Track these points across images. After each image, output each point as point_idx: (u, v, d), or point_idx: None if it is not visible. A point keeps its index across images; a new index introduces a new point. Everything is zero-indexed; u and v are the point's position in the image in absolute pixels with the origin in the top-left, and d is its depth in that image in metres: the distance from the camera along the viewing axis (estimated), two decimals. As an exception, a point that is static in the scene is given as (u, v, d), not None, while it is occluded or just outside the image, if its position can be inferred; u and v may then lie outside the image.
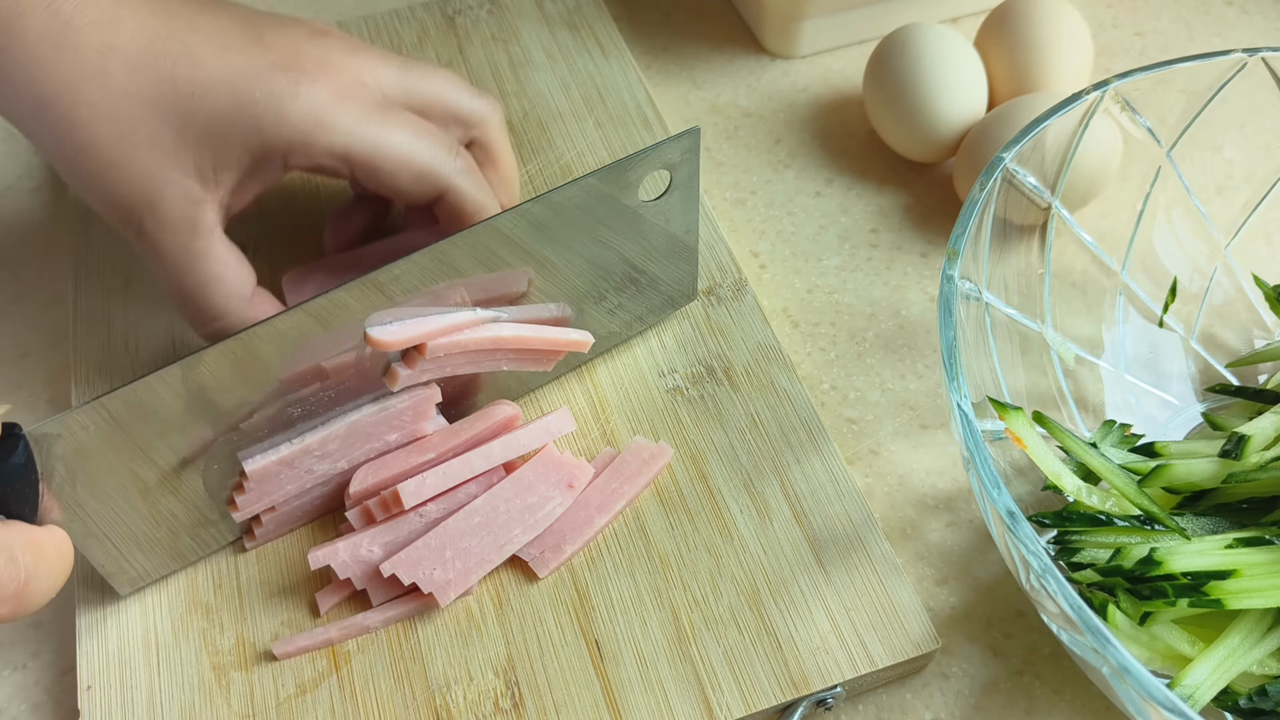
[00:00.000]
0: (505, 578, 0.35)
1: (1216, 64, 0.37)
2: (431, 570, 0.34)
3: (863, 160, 0.48)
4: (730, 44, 0.54)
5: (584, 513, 0.36)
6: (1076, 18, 0.47)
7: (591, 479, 0.37)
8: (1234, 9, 0.54)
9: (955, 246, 0.33)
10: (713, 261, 0.43)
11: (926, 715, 0.34)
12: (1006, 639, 0.35)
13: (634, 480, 0.37)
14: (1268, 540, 0.30)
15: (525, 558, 0.35)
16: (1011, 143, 0.36)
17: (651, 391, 0.40)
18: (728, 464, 0.38)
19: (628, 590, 0.35)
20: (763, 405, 0.39)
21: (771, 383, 0.39)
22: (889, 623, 0.34)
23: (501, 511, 0.35)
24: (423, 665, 0.34)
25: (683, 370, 0.40)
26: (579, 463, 0.37)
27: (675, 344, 0.41)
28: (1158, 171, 0.40)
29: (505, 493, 0.35)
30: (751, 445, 0.38)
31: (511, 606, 0.35)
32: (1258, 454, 0.33)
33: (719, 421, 0.39)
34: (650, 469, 0.37)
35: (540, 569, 0.35)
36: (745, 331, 0.41)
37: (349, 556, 0.34)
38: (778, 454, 0.38)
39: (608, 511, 0.36)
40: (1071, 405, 0.38)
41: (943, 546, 0.37)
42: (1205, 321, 0.41)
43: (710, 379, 0.40)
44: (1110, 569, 0.31)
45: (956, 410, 0.30)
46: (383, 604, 0.34)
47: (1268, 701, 0.29)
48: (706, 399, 0.39)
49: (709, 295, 0.42)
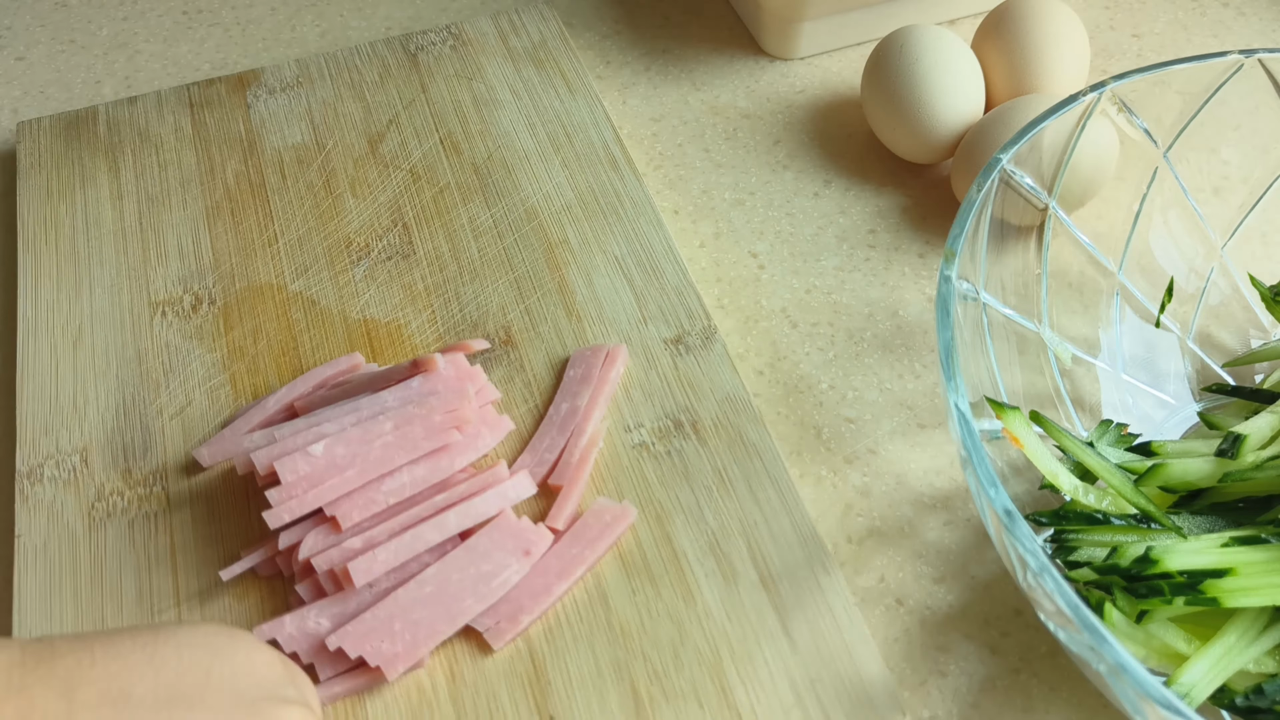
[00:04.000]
0: (459, 649, 0.34)
1: (1213, 65, 0.38)
2: (379, 643, 0.33)
3: (861, 161, 0.49)
4: (729, 46, 0.54)
5: (542, 580, 0.35)
6: (1074, 19, 0.47)
7: (551, 544, 0.35)
8: (1230, 11, 0.54)
9: (953, 247, 0.33)
10: (681, 308, 0.42)
11: (925, 714, 0.34)
12: (1004, 637, 0.35)
13: (595, 545, 0.35)
14: (1264, 539, 0.31)
15: (479, 628, 0.34)
16: (1009, 144, 0.36)
17: (616, 447, 0.38)
18: (694, 525, 0.36)
19: (586, 663, 0.33)
20: (730, 461, 0.38)
21: (740, 436, 0.38)
22: (854, 695, 0.33)
23: (454, 580, 0.34)
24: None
25: (649, 424, 0.39)
26: (537, 529, 0.35)
27: (642, 396, 0.39)
28: (1154, 172, 0.40)
29: (459, 561, 0.34)
30: (719, 504, 0.37)
31: (465, 680, 0.33)
32: (1254, 453, 0.33)
33: (686, 479, 0.37)
34: (613, 532, 0.36)
35: (495, 640, 0.34)
36: (714, 382, 0.40)
37: (295, 629, 0.33)
38: (745, 513, 0.36)
39: (567, 579, 0.35)
40: (1068, 405, 0.38)
41: (940, 545, 0.37)
42: (1201, 321, 0.41)
43: (678, 433, 0.38)
44: (1107, 567, 0.31)
45: (954, 410, 0.30)
46: (330, 679, 0.33)
47: (1264, 699, 0.30)
48: (674, 454, 0.38)
49: (677, 344, 0.41)
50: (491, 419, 0.38)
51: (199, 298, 0.43)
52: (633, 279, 0.42)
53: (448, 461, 0.36)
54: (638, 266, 0.43)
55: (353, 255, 0.44)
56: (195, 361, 0.41)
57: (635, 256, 0.43)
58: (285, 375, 0.41)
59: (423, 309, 0.42)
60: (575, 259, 0.43)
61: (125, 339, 0.42)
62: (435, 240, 0.44)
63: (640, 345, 0.41)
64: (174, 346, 0.42)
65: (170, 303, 0.43)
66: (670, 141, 0.50)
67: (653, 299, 0.42)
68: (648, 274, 0.43)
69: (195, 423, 0.39)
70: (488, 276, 0.43)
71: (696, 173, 0.48)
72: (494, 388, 0.39)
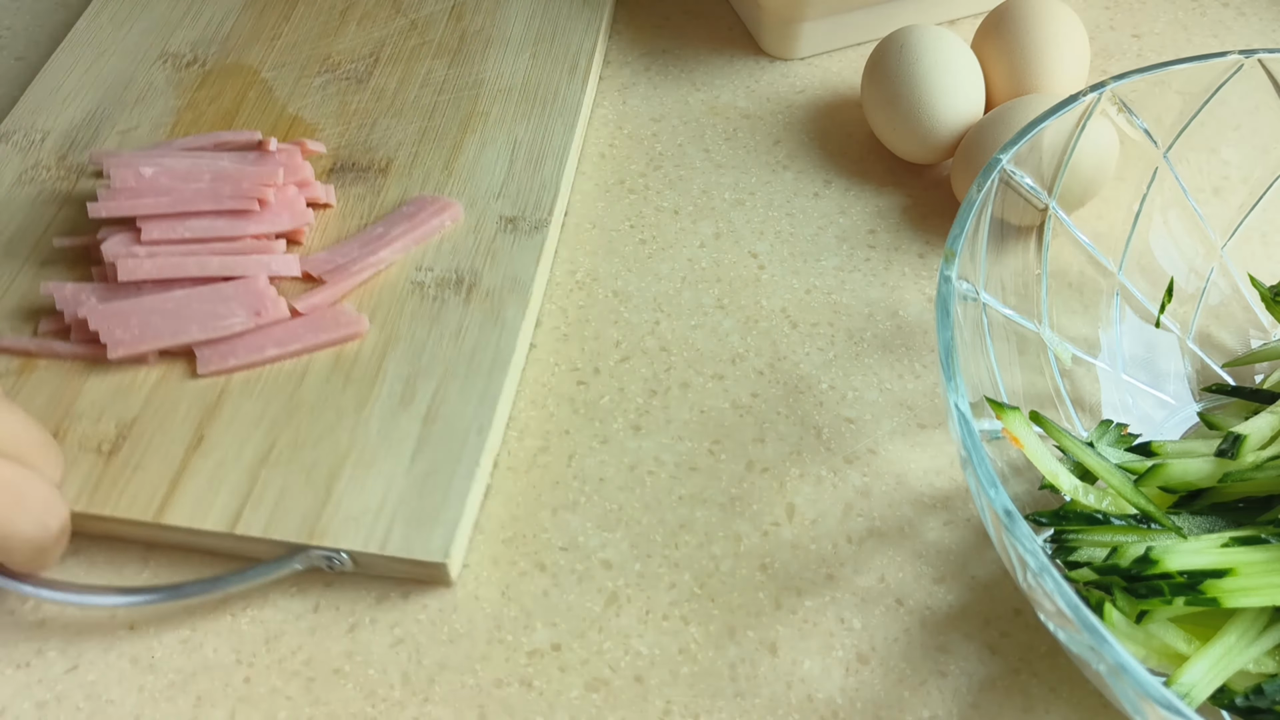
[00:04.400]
0: (175, 365, 0.40)
1: (1213, 65, 0.38)
2: (115, 328, 0.39)
3: (861, 161, 0.49)
4: (729, 46, 0.54)
5: (260, 340, 0.40)
6: (1074, 19, 0.47)
7: (284, 320, 0.41)
8: (1230, 11, 0.54)
9: (953, 247, 0.33)
10: (533, 198, 0.45)
11: (924, 713, 0.34)
12: (1003, 637, 0.35)
13: (318, 334, 0.40)
14: (1264, 539, 0.31)
15: (197, 352, 0.40)
16: (1009, 144, 0.36)
17: (398, 278, 0.43)
18: (409, 356, 0.40)
19: (254, 413, 0.39)
20: (476, 325, 0.41)
21: (499, 313, 0.41)
22: (424, 522, 0.36)
23: (192, 308, 0.40)
24: (75, 398, 0.39)
25: (437, 271, 0.43)
26: (277, 301, 0.41)
27: (449, 249, 0.43)
28: (1154, 173, 0.40)
29: (203, 295, 0.40)
30: (439, 350, 0.40)
31: (167, 383, 0.40)
32: (1254, 453, 0.33)
33: (431, 322, 0.41)
34: (339, 331, 0.40)
35: (202, 366, 0.40)
36: (514, 263, 0.43)
37: (70, 296, 0.41)
38: (452, 367, 0.40)
39: (280, 348, 0.40)
40: (1068, 405, 0.38)
41: (940, 545, 0.37)
42: (1201, 322, 0.41)
43: (454, 287, 0.42)
44: (1107, 568, 0.31)
45: (954, 410, 0.30)
46: (77, 342, 0.40)
47: (1264, 700, 0.30)
48: (437, 300, 0.42)
49: (509, 223, 0.44)
50: (299, 209, 0.43)
51: (195, 58, 0.51)
52: (514, 161, 0.47)
53: (241, 225, 0.42)
54: (526, 154, 0.47)
55: (323, 68, 0.51)
56: (161, 102, 0.49)
57: (530, 146, 0.47)
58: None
59: (341, 124, 0.48)
60: (483, 130, 0.48)
61: (131, 69, 0.51)
62: (390, 78, 0.50)
63: (479, 212, 0.45)
64: (155, 86, 0.50)
65: (175, 55, 0.52)
66: (670, 141, 0.50)
67: (517, 182, 0.46)
68: (529, 162, 0.47)
69: (129, 142, 0.48)
70: (406, 118, 0.48)
71: (696, 173, 0.48)
72: (326, 191, 0.45)
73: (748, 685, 0.34)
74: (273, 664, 0.35)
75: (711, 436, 0.40)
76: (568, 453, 0.40)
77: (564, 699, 0.34)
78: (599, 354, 0.42)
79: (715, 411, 0.41)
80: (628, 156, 0.49)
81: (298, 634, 0.36)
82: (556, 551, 0.37)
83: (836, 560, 0.37)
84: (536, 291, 0.43)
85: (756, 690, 0.34)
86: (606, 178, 0.48)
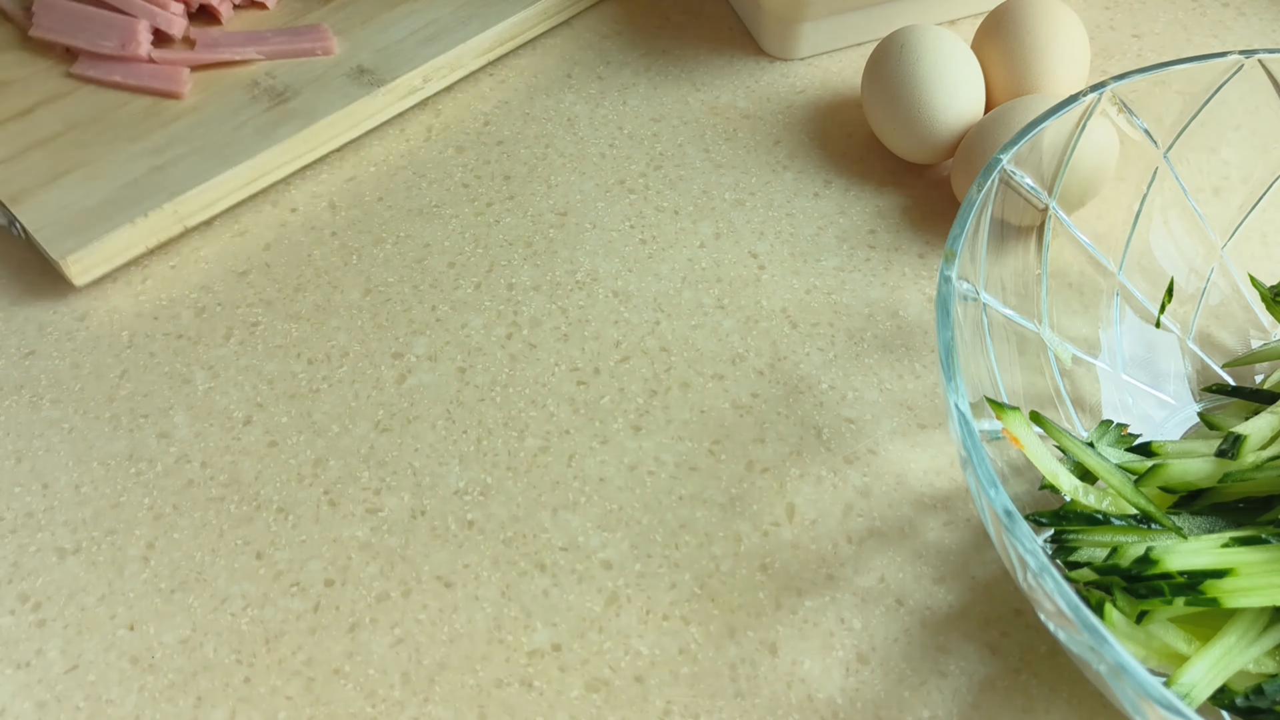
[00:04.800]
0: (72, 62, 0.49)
1: (1213, 66, 0.38)
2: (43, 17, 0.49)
3: (861, 162, 0.49)
4: (729, 46, 0.54)
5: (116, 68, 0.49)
6: (1074, 20, 0.47)
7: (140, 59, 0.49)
8: (1230, 11, 0.54)
9: (953, 247, 0.33)
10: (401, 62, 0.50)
11: (924, 713, 0.34)
12: (1004, 637, 0.35)
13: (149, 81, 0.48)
14: (1264, 539, 0.31)
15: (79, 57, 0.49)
16: (1009, 144, 0.36)
17: (245, 71, 0.49)
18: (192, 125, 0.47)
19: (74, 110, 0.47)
20: (253, 125, 0.47)
21: (276, 127, 0.46)
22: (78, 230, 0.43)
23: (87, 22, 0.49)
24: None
25: (276, 80, 0.48)
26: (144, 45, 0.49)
27: (299, 68, 0.49)
28: (1154, 173, 0.40)
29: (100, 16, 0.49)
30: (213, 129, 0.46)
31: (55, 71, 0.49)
32: (1254, 453, 0.33)
33: (233, 110, 0.47)
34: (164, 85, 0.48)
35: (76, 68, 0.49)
36: (326, 99, 0.48)
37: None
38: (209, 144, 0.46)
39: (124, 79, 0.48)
40: (1068, 405, 0.38)
41: (940, 545, 0.37)
42: (1202, 322, 0.41)
43: (272, 96, 0.48)
44: (1107, 568, 0.31)
45: (954, 410, 0.30)
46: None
47: (1264, 700, 0.30)
48: (252, 99, 0.48)
49: (360, 72, 0.49)
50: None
51: None
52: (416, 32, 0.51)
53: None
54: (429, 31, 0.51)
55: None
56: None
57: (439, 25, 0.51)
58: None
59: None
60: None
61: None
62: None
63: (348, 52, 0.49)
64: None
65: None
66: (670, 141, 0.50)
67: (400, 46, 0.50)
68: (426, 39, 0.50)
69: None
70: None
71: (696, 173, 0.48)
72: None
73: (748, 685, 0.34)
74: (273, 664, 0.35)
75: (712, 437, 0.40)
76: (568, 453, 0.40)
77: (564, 699, 0.34)
78: (599, 354, 0.42)
79: (715, 412, 0.41)
80: (628, 156, 0.49)
81: (298, 634, 0.36)
82: (556, 551, 0.37)
83: (836, 560, 0.37)
84: (319, 133, 0.47)
85: (757, 690, 0.34)
86: (606, 178, 0.48)
